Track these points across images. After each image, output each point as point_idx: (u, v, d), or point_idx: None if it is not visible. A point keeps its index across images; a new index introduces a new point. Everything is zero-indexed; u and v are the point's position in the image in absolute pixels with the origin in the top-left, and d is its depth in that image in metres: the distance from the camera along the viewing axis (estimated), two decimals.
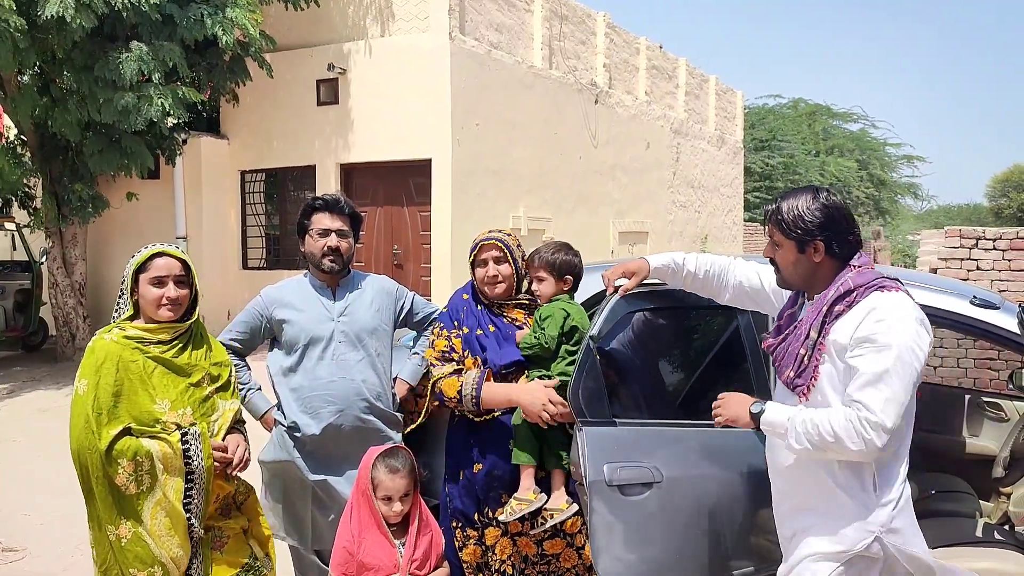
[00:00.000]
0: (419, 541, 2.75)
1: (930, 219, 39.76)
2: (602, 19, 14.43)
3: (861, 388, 2.17)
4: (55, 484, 5.92)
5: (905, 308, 2.21)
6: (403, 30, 10.86)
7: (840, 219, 2.32)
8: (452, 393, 2.90)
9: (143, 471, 2.60)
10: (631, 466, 2.72)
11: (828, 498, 2.32)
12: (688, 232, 17.93)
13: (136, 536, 2.62)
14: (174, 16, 9.06)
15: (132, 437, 2.60)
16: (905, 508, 2.29)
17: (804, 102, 28.34)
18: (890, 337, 2.16)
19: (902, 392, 2.16)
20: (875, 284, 2.24)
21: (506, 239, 3.02)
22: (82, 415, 2.58)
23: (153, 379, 2.67)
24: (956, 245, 7.61)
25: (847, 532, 2.27)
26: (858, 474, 2.27)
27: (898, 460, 2.28)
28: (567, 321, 2.89)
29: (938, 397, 4.37)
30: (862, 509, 2.26)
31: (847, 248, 2.32)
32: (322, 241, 3.15)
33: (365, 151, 11.10)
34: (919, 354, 2.17)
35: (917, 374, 2.19)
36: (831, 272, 2.32)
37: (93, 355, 2.65)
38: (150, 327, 2.71)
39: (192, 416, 2.72)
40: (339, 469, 3.09)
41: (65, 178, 10.07)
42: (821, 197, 2.33)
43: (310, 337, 3.12)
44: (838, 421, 2.18)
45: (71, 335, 10.71)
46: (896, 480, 2.27)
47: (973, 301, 2.80)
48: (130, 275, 2.71)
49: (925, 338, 2.20)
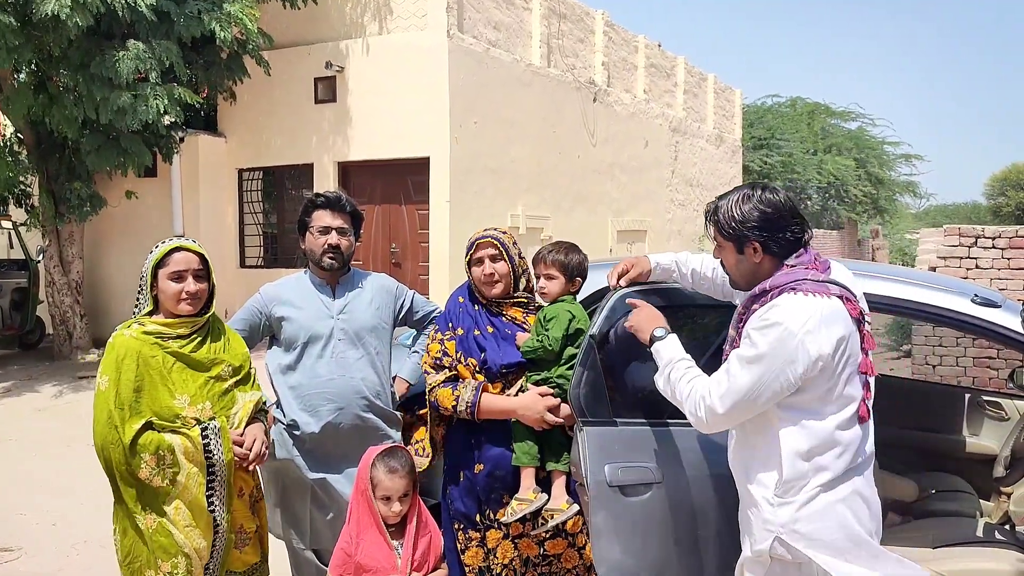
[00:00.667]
0: (418, 542, 2.73)
1: (928, 218, 39.79)
2: (600, 17, 14.41)
3: (719, 372, 2.25)
4: (52, 484, 5.91)
5: (799, 314, 2.13)
6: (401, 28, 10.83)
7: (775, 218, 2.25)
8: (448, 404, 2.87)
9: (165, 464, 2.64)
10: (632, 466, 2.70)
11: (747, 494, 2.31)
12: (687, 231, 17.92)
13: (160, 526, 2.66)
14: (171, 13, 9.03)
15: (154, 432, 2.64)
16: (822, 515, 2.17)
17: (803, 100, 28.31)
18: (762, 339, 2.15)
19: (747, 390, 2.16)
20: (790, 286, 2.18)
21: (502, 237, 2.99)
22: (105, 410, 2.62)
23: (172, 374, 2.71)
24: (955, 244, 7.60)
25: (755, 532, 2.26)
26: (766, 470, 2.24)
27: (808, 467, 2.18)
28: (572, 323, 2.86)
29: (938, 396, 4.35)
30: (766, 506, 2.22)
31: (787, 247, 2.26)
32: (323, 239, 3.14)
33: (363, 149, 11.07)
34: (790, 364, 2.12)
35: (781, 382, 2.14)
36: (770, 271, 2.28)
37: (114, 351, 2.68)
38: (169, 322, 2.75)
39: (211, 410, 2.76)
40: (338, 468, 3.07)
41: (62, 176, 10.05)
42: (755, 195, 2.27)
43: (309, 335, 3.11)
44: (693, 389, 2.28)
45: (68, 334, 10.68)
46: (808, 482, 2.17)
47: (974, 299, 2.77)
48: (149, 270, 2.72)
49: (808, 350, 2.11)
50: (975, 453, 4.03)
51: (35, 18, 8.04)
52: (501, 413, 2.84)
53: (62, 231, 10.51)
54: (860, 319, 2.22)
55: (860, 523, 2.20)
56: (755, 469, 2.28)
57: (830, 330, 2.13)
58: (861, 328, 2.22)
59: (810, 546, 2.16)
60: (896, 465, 3.83)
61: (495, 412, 2.84)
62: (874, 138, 28.72)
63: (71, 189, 9.98)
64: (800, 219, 2.29)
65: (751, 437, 2.31)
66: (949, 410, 4.15)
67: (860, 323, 2.22)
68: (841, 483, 2.19)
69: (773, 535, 2.20)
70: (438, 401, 2.90)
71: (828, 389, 2.17)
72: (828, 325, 2.14)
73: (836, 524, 2.17)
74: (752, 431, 2.30)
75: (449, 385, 2.89)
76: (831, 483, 2.18)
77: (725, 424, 2.28)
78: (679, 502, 2.71)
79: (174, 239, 2.83)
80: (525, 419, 2.80)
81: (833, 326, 2.14)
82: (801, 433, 2.19)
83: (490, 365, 2.89)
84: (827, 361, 2.13)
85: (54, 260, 10.55)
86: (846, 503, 2.19)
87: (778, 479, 2.21)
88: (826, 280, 2.22)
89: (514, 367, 2.90)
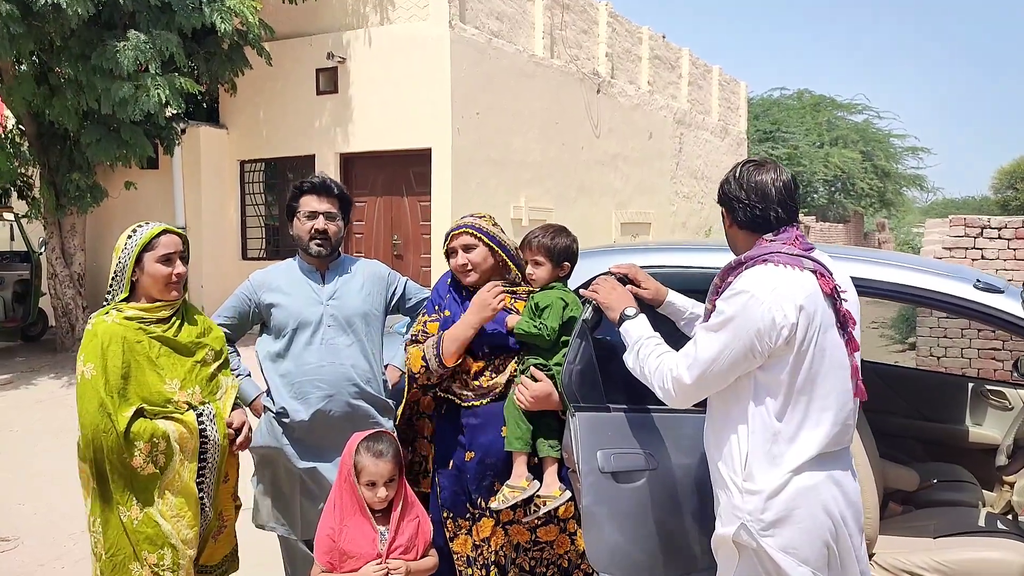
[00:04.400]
0: (404, 527, 2.67)
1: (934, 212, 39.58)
2: (604, 8, 14.33)
3: (687, 344, 2.24)
4: (52, 474, 5.90)
5: (766, 282, 2.11)
6: (403, 18, 10.78)
7: (738, 191, 2.25)
8: (419, 364, 2.85)
9: (158, 451, 2.61)
10: (625, 452, 2.66)
11: (716, 472, 2.27)
12: (691, 223, 17.85)
13: (147, 517, 2.62)
14: (172, 4, 9.00)
15: (146, 419, 2.61)
16: (793, 508, 2.09)
17: (808, 93, 28.18)
18: (729, 307, 2.14)
19: (713, 359, 2.14)
20: (763, 257, 2.16)
21: (478, 223, 2.94)
22: (95, 399, 2.56)
23: (160, 359, 2.68)
24: (960, 234, 7.54)
25: (723, 514, 2.23)
26: (731, 451, 2.20)
27: (778, 448, 2.12)
28: (566, 311, 2.82)
29: (941, 385, 4.30)
30: (734, 489, 2.17)
31: (754, 222, 2.24)
32: (309, 223, 3.10)
33: (365, 140, 11.04)
34: (755, 330, 2.08)
35: (748, 348, 2.10)
36: (746, 244, 2.28)
37: (96, 338, 2.61)
38: (147, 306, 2.71)
39: (201, 394, 2.75)
40: (328, 456, 3.02)
41: (63, 168, 10.02)
42: (739, 167, 2.30)
43: (298, 321, 3.06)
44: (661, 363, 2.27)
45: (70, 326, 10.67)
46: (775, 470, 2.11)
47: (977, 285, 2.72)
48: (134, 253, 2.67)
49: (774, 317, 2.07)
50: (978, 442, 3.98)
51: (36, 7, 8.00)
52: (462, 335, 2.80)
53: (64, 223, 10.49)
54: (834, 295, 2.17)
55: (831, 513, 2.12)
56: (723, 447, 2.23)
57: (796, 300, 2.10)
58: (837, 305, 2.17)
59: (774, 539, 2.11)
60: (897, 454, 3.79)
61: (459, 340, 2.80)
62: (880, 131, 28.58)
63: (72, 180, 9.96)
64: (781, 198, 2.23)
65: (719, 414, 2.27)
66: (952, 399, 4.10)
67: (835, 300, 2.17)
68: (813, 468, 2.12)
69: (740, 521, 2.15)
70: (411, 369, 2.88)
71: (797, 364, 2.11)
72: (796, 295, 2.10)
73: (807, 514, 2.11)
74: (721, 408, 2.26)
75: (415, 346, 2.89)
76: (801, 468, 2.12)
77: (693, 396, 2.24)
78: (672, 489, 2.66)
79: (154, 223, 2.79)
80: (484, 318, 2.79)
81: (800, 297, 2.10)
82: (769, 412, 2.14)
83: (472, 347, 2.86)
84: (792, 331, 2.08)
85: (56, 252, 10.52)
86: (817, 490, 2.12)
87: (746, 459, 2.16)
88: (800, 255, 2.18)
89: (501, 352, 2.87)
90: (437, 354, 2.81)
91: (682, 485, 2.68)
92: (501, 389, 2.86)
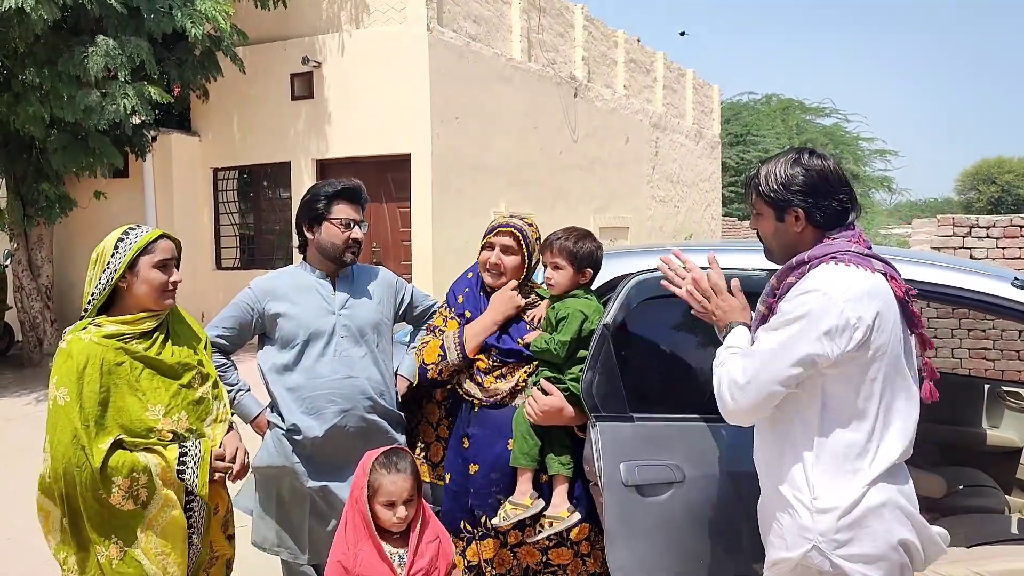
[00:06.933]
0: (424, 548, 2.49)
1: (900, 213, 40.11)
2: (580, 11, 14.28)
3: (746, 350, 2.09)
4: (23, 496, 5.62)
5: (840, 282, 1.96)
6: (379, 21, 10.62)
7: (822, 184, 2.08)
8: (434, 357, 2.78)
9: (139, 486, 2.37)
10: (650, 465, 2.54)
11: (775, 495, 2.11)
12: (668, 227, 17.84)
13: (129, 557, 2.38)
14: (141, 8, 8.76)
15: (125, 451, 2.36)
16: (869, 526, 1.97)
17: (777, 97, 28.41)
18: (796, 307, 1.99)
19: (770, 357, 2.00)
20: (831, 255, 2.02)
21: (527, 230, 2.83)
22: (68, 429, 2.31)
23: (142, 383, 2.42)
24: (949, 234, 7.53)
25: (787, 537, 2.05)
26: (795, 470, 2.05)
27: (852, 462, 1.99)
28: (584, 325, 2.66)
29: (957, 387, 4.21)
30: (802, 509, 2.02)
31: (831, 217, 2.09)
32: (346, 233, 2.96)
33: (342, 146, 10.85)
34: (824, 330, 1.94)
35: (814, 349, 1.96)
36: (815, 243, 2.10)
37: (71, 359, 2.36)
38: (127, 319, 2.45)
39: (188, 421, 2.49)
40: (341, 474, 2.85)
41: (30, 177, 9.75)
42: (804, 160, 2.11)
43: (310, 332, 2.89)
44: (724, 368, 2.11)
45: (38, 340, 10.39)
46: (850, 485, 1.98)
47: (1015, 283, 2.64)
48: (129, 257, 2.44)
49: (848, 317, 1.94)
50: (996, 445, 3.90)
51: None
52: (483, 329, 2.77)
53: (30, 234, 10.20)
54: (905, 299, 2.06)
55: (904, 525, 2.01)
56: (784, 466, 2.07)
57: (873, 301, 1.97)
58: (908, 308, 2.06)
59: (851, 559, 1.97)
60: (918, 460, 3.68)
61: (480, 332, 2.77)
62: (849, 134, 28.87)
63: (39, 190, 9.67)
64: (848, 189, 2.11)
65: (781, 430, 2.11)
66: (969, 401, 4.02)
67: (905, 303, 2.06)
68: (884, 482, 2.00)
69: (811, 543, 2.00)
70: (424, 359, 2.81)
71: (872, 370, 1.99)
72: (871, 297, 1.97)
73: (882, 529, 1.98)
74: (783, 422, 2.10)
75: (430, 338, 2.83)
76: (876, 480, 1.99)
77: (748, 401, 2.04)
78: (701, 503, 2.55)
79: (148, 226, 2.58)
80: (505, 313, 2.75)
81: (875, 300, 1.97)
82: (842, 423, 2.01)
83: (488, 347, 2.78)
84: (867, 333, 1.95)
85: (22, 264, 10.24)
86: (891, 503, 2.00)
87: (815, 479, 2.01)
88: (870, 255, 2.06)
89: (514, 357, 2.76)
90: (460, 342, 2.75)
91: (713, 499, 2.56)
92: (504, 396, 2.73)
